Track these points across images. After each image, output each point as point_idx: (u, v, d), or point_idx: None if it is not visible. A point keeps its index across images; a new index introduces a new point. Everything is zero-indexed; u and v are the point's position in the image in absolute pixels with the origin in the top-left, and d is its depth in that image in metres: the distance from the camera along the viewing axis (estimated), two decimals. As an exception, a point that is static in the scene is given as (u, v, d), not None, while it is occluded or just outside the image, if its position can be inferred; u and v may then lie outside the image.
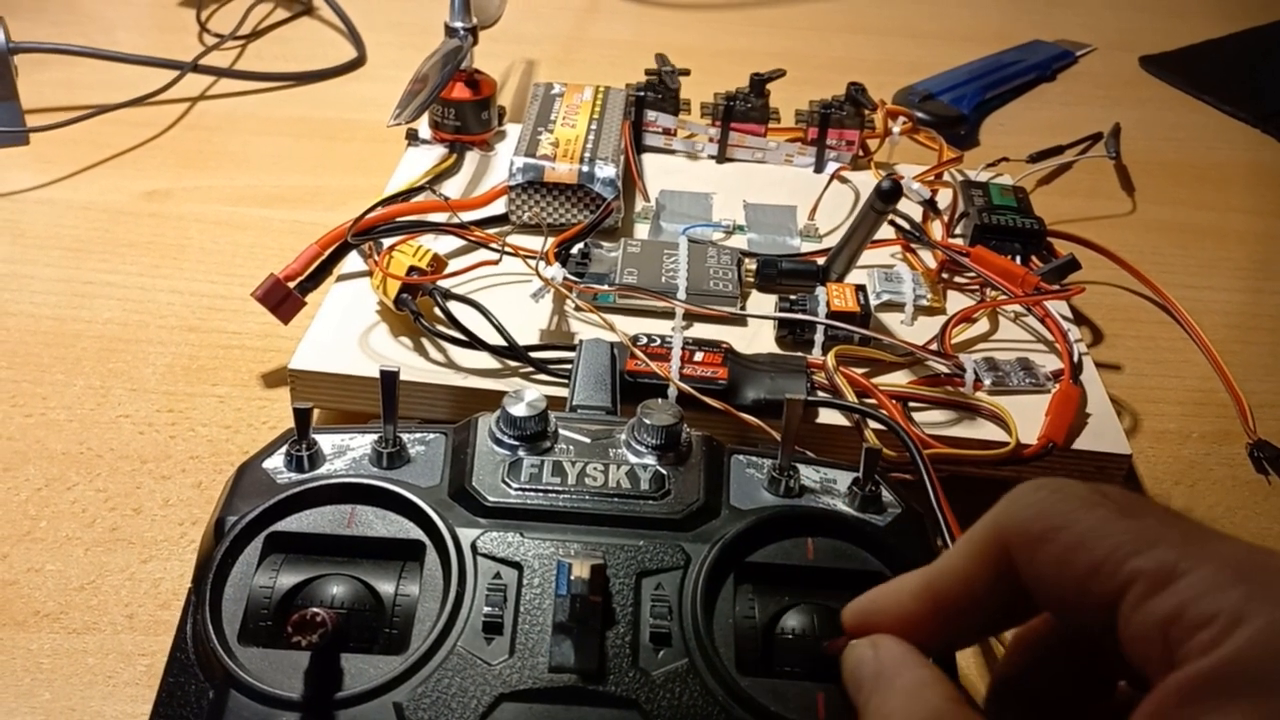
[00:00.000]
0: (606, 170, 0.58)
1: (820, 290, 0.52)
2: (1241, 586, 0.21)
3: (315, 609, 0.29)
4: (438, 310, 0.49)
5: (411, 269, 0.49)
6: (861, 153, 0.69)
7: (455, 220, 0.55)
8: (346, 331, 0.50)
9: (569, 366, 0.46)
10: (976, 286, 0.57)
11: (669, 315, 0.52)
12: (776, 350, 0.51)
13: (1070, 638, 0.28)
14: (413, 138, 0.67)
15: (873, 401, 0.47)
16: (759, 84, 0.67)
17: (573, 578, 0.31)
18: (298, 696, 0.30)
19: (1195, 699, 0.20)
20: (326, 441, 0.38)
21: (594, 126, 0.62)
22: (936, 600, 0.27)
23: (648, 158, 0.68)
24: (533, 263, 0.51)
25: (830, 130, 0.67)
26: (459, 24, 0.65)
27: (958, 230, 0.62)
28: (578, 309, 0.52)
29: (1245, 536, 0.48)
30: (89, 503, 0.46)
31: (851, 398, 0.46)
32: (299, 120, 0.78)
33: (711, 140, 0.68)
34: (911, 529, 0.37)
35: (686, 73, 0.68)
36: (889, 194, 0.49)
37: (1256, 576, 0.21)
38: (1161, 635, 0.21)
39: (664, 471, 0.37)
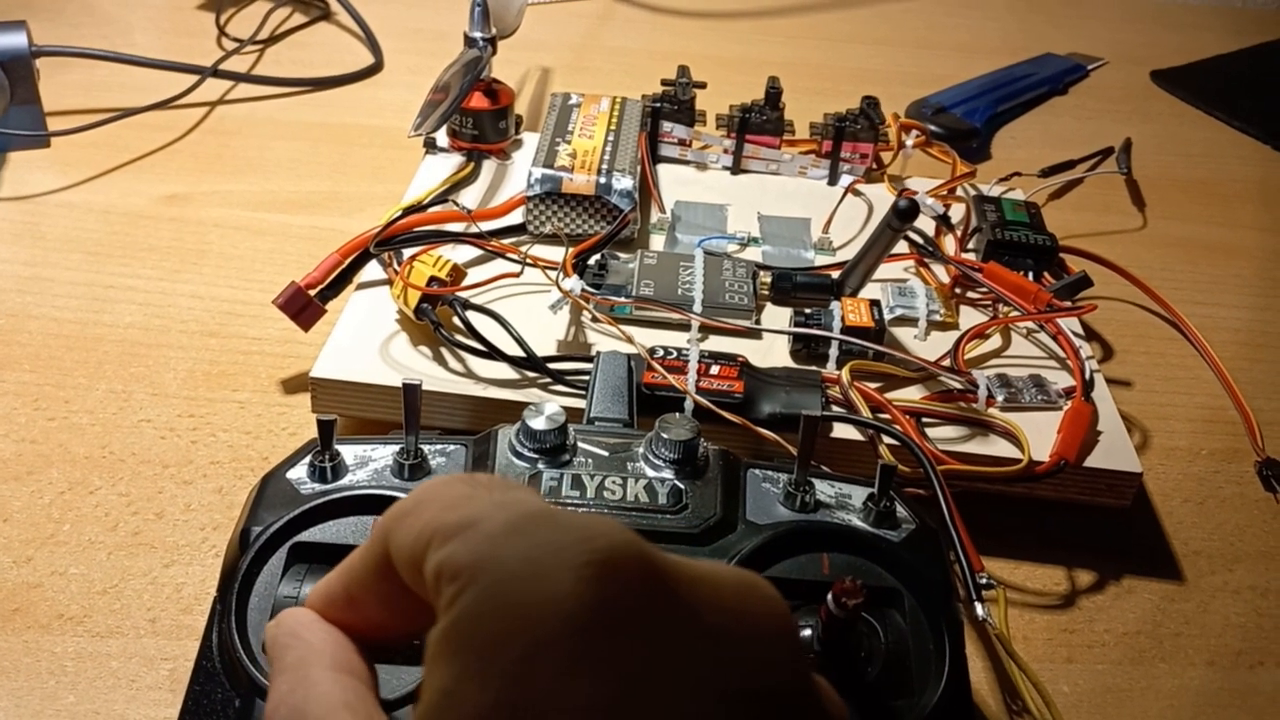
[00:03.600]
0: (623, 182, 0.58)
1: (835, 305, 0.52)
2: (486, 546, 0.21)
3: None
4: (457, 320, 0.49)
5: (432, 279, 0.50)
6: (875, 166, 0.69)
7: (475, 231, 0.55)
8: (366, 340, 0.51)
9: (586, 378, 0.47)
10: (989, 302, 0.57)
11: (685, 327, 0.53)
12: (791, 364, 0.52)
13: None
14: (430, 146, 0.67)
15: (887, 417, 0.47)
16: (773, 96, 0.68)
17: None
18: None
19: (432, 655, 0.20)
20: (349, 452, 0.38)
21: (611, 138, 0.63)
22: (347, 583, 0.26)
23: (663, 168, 0.69)
24: (552, 274, 0.51)
25: (844, 143, 0.68)
26: (478, 34, 0.65)
27: (970, 245, 0.63)
28: (595, 320, 0.52)
29: (1254, 556, 0.49)
30: (111, 507, 0.46)
31: (866, 413, 0.47)
32: (317, 125, 0.78)
33: (726, 152, 0.69)
34: (926, 545, 0.38)
35: (703, 85, 0.69)
36: (906, 213, 0.50)
37: (500, 537, 0.21)
38: (436, 587, 0.21)
39: (681, 486, 0.38)
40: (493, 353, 0.48)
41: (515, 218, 0.60)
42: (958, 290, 0.58)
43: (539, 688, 0.19)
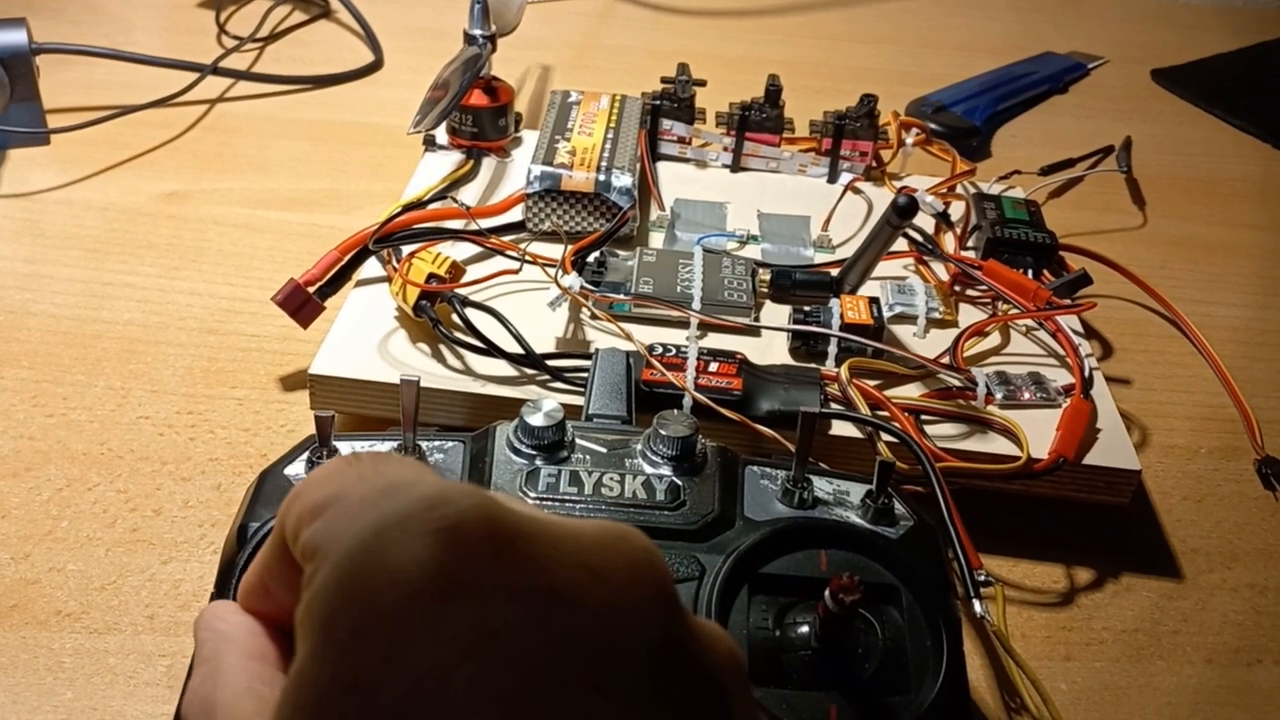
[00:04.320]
0: (623, 179, 0.58)
1: (834, 302, 0.52)
2: (340, 522, 0.21)
3: None
4: (455, 317, 0.49)
5: (431, 276, 0.50)
6: (875, 164, 0.69)
7: (474, 228, 0.55)
8: (365, 337, 0.51)
9: (585, 375, 0.47)
10: (989, 300, 0.57)
11: (684, 325, 0.53)
12: (790, 361, 0.52)
13: None
14: (430, 143, 0.67)
15: (885, 414, 0.47)
16: (773, 94, 0.68)
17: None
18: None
19: (296, 636, 0.20)
20: (347, 448, 0.38)
21: (610, 135, 0.63)
22: (259, 571, 0.26)
23: (663, 166, 0.69)
24: (551, 271, 0.51)
25: (844, 141, 0.68)
26: (478, 31, 0.65)
27: (970, 243, 0.63)
28: (594, 317, 0.52)
29: (1252, 553, 0.49)
30: (110, 503, 0.46)
31: (865, 410, 0.47)
32: (316, 123, 0.78)
33: (726, 149, 0.69)
34: (924, 542, 0.38)
35: (702, 83, 0.69)
36: (905, 210, 0.50)
37: (355, 512, 0.21)
38: (306, 563, 0.21)
39: (679, 482, 0.38)
40: (491, 350, 0.48)
41: (514, 215, 0.60)
42: (957, 288, 0.58)
43: (372, 659, 0.18)
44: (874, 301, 0.52)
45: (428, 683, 0.18)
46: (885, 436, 0.46)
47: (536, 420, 0.38)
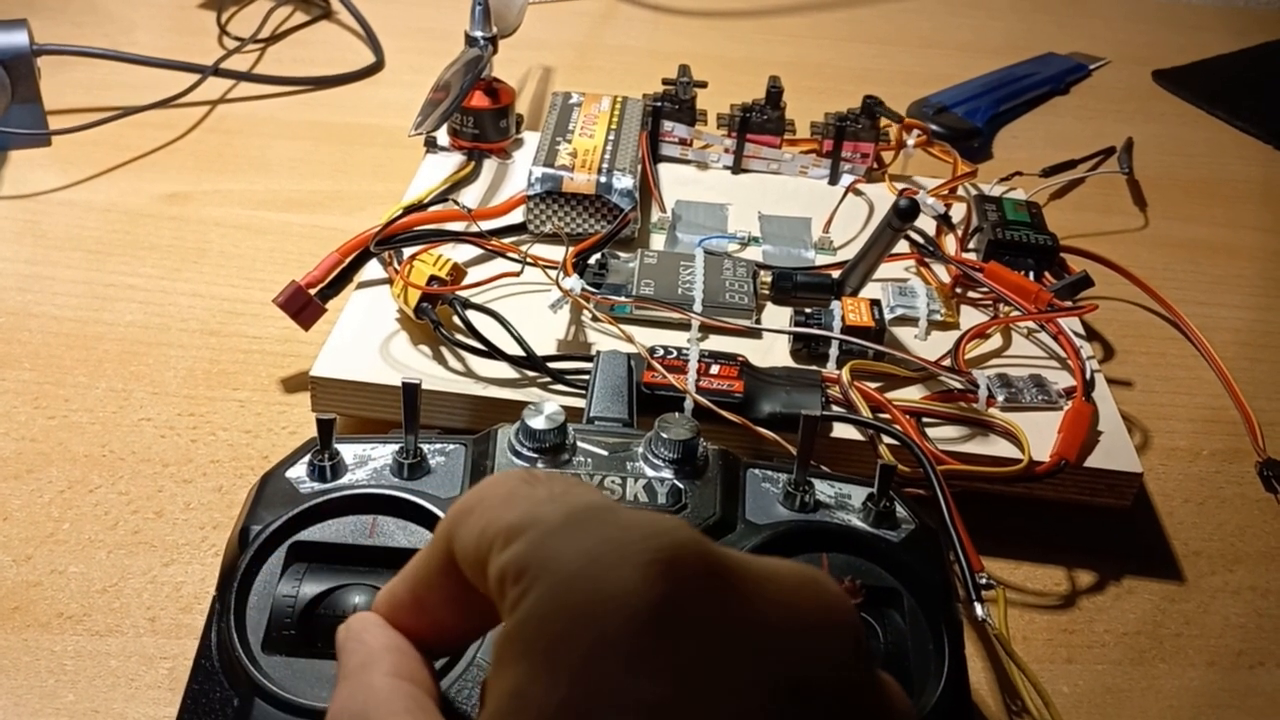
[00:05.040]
0: (624, 181, 0.58)
1: (835, 305, 0.52)
2: (549, 544, 0.21)
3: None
4: (457, 319, 0.49)
5: (432, 278, 0.50)
6: (876, 165, 0.69)
7: (475, 230, 0.55)
8: (367, 339, 0.51)
9: (586, 377, 0.47)
10: (990, 302, 0.57)
11: (685, 327, 0.53)
12: (791, 364, 0.51)
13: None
14: (431, 145, 0.67)
15: (887, 417, 0.47)
16: (774, 95, 0.68)
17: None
18: (323, 705, 0.30)
19: (498, 658, 0.20)
20: (348, 451, 0.38)
21: (612, 137, 0.63)
22: (413, 586, 0.26)
23: (664, 168, 0.69)
24: (552, 273, 0.51)
25: (845, 143, 0.68)
26: (479, 33, 0.65)
27: (971, 245, 0.63)
28: (595, 320, 0.52)
29: (1254, 556, 0.49)
30: (111, 505, 0.46)
31: (866, 413, 0.47)
32: (318, 124, 0.78)
33: (727, 151, 0.69)
34: (925, 545, 0.38)
35: (703, 85, 0.69)
36: (906, 212, 0.50)
37: (562, 534, 0.21)
38: (500, 589, 0.21)
39: (681, 485, 0.38)
40: (492, 352, 0.48)
41: (516, 217, 0.60)
42: (958, 290, 0.58)
43: (605, 686, 0.19)
44: (875, 304, 0.52)
45: (656, 713, 0.19)
46: (887, 439, 0.46)
47: (538, 423, 0.38)
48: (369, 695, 0.25)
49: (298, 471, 0.37)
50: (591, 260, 0.55)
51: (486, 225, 0.58)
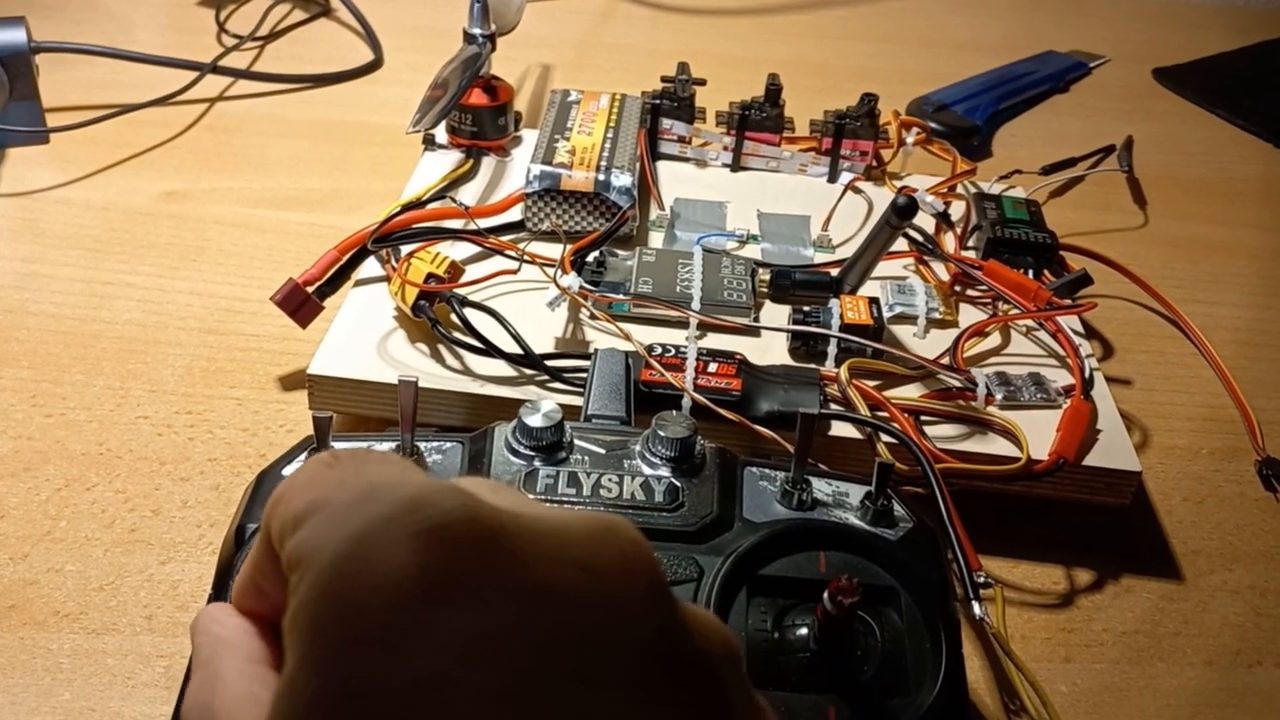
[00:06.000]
0: (622, 179, 0.58)
1: (834, 303, 0.52)
2: (324, 528, 0.21)
3: None
4: (454, 317, 0.49)
5: (430, 276, 0.50)
6: (875, 163, 0.69)
7: (473, 227, 0.55)
8: (364, 337, 0.51)
9: (584, 375, 0.47)
10: (989, 300, 0.57)
11: (683, 325, 0.53)
12: (790, 362, 0.51)
13: None
14: (429, 143, 0.67)
15: (885, 415, 0.47)
16: (773, 93, 0.68)
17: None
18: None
19: (286, 643, 0.20)
20: (343, 450, 0.38)
21: (610, 134, 0.63)
22: (251, 572, 0.26)
23: (662, 165, 0.69)
24: (550, 271, 0.51)
25: (844, 140, 0.68)
26: (478, 31, 0.65)
27: (970, 243, 0.63)
28: (593, 318, 0.52)
29: (1253, 555, 0.49)
30: (108, 503, 0.46)
31: (864, 411, 0.47)
32: (316, 122, 0.78)
33: (726, 149, 0.69)
34: (923, 543, 0.38)
35: (702, 82, 0.69)
36: (905, 210, 0.50)
37: (338, 518, 0.20)
38: (292, 572, 0.21)
39: (678, 483, 0.37)
40: (490, 350, 0.48)
41: (514, 214, 0.60)
42: (957, 288, 0.58)
43: (363, 669, 0.18)
44: (874, 302, 0.52)
45: (420, 690, 0.18)
46: (885, 437, 0.46)
47: (535, 421, 0.38)
48: (216, 683, 0.24)
49: (294, 469, 0.37)
50: (589, 258, 0.55)
51: (484, 223, 0.58)
